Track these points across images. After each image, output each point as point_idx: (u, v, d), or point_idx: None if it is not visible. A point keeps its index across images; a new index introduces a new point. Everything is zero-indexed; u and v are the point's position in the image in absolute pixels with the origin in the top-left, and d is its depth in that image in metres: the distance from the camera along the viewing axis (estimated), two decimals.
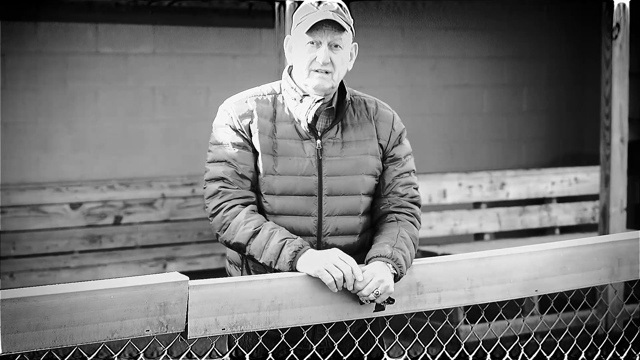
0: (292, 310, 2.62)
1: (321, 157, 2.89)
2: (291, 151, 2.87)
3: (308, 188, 2.88)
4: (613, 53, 6.09)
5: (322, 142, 2.90)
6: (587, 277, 3.01)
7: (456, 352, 2.99)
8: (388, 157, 2.98)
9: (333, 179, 2.90)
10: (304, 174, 2.88)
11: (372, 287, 2.65)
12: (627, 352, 3.33)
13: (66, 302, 2.29)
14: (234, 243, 2.78)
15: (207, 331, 2.49)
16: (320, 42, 2.84)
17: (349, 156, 2.92)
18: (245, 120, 2.88)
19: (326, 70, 2.84)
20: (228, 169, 2.84)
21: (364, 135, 2.95)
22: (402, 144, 3.01)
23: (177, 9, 6.99)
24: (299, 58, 2.87)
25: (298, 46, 2.87)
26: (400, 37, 7.93)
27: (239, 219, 2.78)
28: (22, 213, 6.44)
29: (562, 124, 8.72)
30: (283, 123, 2.89)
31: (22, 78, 6.62)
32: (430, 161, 8.12)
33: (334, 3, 2.88)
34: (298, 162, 2.87)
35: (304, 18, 2.86)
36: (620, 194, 6.22)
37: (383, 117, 3.00)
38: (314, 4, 2.86)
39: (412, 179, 3.00)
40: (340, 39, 2.86)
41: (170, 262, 6.87)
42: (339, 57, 2.85)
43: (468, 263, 2.83)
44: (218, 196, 2.83)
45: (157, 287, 2.41)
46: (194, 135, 7.19)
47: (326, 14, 2.83)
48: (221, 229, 2.81)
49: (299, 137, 2.89)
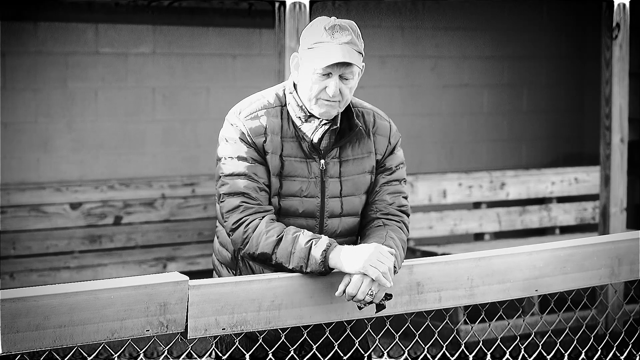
0: (292, 310, 2.62)
1: (324, 179, 2.89)
2: (296, 171, 2.86)
3: (311, 210, 2.88)
4: (613, 53, 6.09)
5: (325, 161, 2.89)
6: (587, 277, 3.01)
7: (456, 352, 2.99)
8: (380, 167, 2.98)
9: (334, 200, 2.90)
10: (306, 195, 2.87)
11: (365, 289, 2.62)
12: (627, 352, 3.33)
13: (66, 302, 2.29)
14: (258, 254, 2.73)
15: (207, 331, 2.49)
16: (331, 73, 2.79)
17: (348, 176, 2.92)
18: (259, 139, 2.83)
19: (334, 100, 2.82)
20: (250, 184, 2.80)
21: (361, 152, 2.94)
22: (394, 154, 3.00)
23: (177, 9, 6.99)
24: (307, 84, 2.83)
25: (307, 71, 2.83)
26: (400, 37, 7.93)
27: (259, 229, 2.74)
28: (22, 213, 6.44)
29: (562, 124, 8.72)
30: (289, 140, 2.87)
31: (22, 78, 6.62)
32: (430, 161, 8.12)
33: (347, 30, 2.81)
34: (302, 183, 2.86)
35: (316, 45, 2.80)
36: (620, 194, 6.22)
37: (381, 131, 2.98)
38: (328, 30, 2.80)
39: (401, 188, 2.99)
40: (351, 71, 2.81)
41: (170, 262, 6.87)
42: (347, 87, 2.82)
43: (468, 263, 2.83)
44: (239, 211, 2.78)
45: (157, 287, 2.41)
46: (194, 135, 7.19)
47: (341, 50, 2.76)
48: (243, 242, 2.77)
49: (303, 156, 2.87)
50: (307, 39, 2.84)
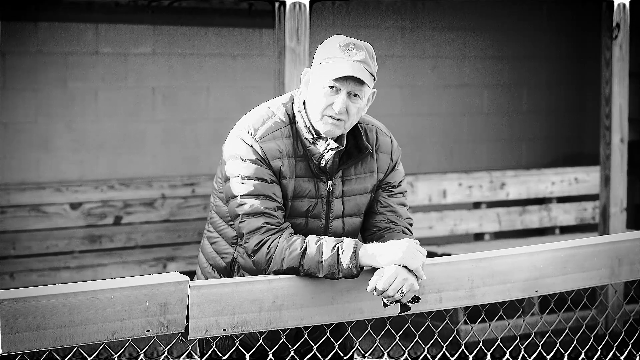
0: (293, 311, 2.62)
1: (330, 200, 2.88)
2: (304, 192, 2.85)
3: (315, 230, 2.88)
4: (613, 53, 6.09)
5: (332, 182, 2.89)
6: (587, 277, 3.01)
7: (456, 352, 2.99)
8: (383, 183, 2.98)
9: (338, 221, 2.91)
10: (312, 215, 2.88)
11: (396, 286, 2.62)
12: (627, 352, 3.33)
13: (66, 303, 2.29)
14: (285, 269, 2.70)
15: (207, 332, 2.49)
16: (340, 89, 2.78)
17: (350, 196, 2.92)
18: (276, 162, 2.81)
19: (339, 118, 2.80)
20: (270, 204, 2.78)
21: (364, 171, 2.94)
22: (396, 170, 3.01)
23: (177, 9, 6.99)
24: (315, 99, 2.81)
25: (317, 86, 2.81)
26: (400, 37, 7.93)
27: (281, 246, 2.72)
28: (22, 213, 6.44)
29: (562, 124, 8.72)
30: (299, 161, 2.85)
31: (22, 78, 6.62)
32: (430, 161, 8.12)
33: (362, 50, 2.80)
34: (309, 203, 2.86)
35: (329, 60, 2.79)
36: (620, 194, 6.22)
37: (383, 148, 2.98)
38: (342, 47, 2.79)
39: (405, 200, 3.02)
40: (361, 90, 2.80)
41: (170, 262, 6.87)
42: (355, 106, 2.80)
43: (469, 263, 2.83)
44: (261, 232, 2.76)
45: (157, 287, 2.41)
46: (194, 135, 7.19)
47: (352, 66, 2.76)
48: (266, 262, 2.74)
49: (312, 176, 2.87)
50: (321, 55, 2.83)
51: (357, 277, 2.67)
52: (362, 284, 2.69)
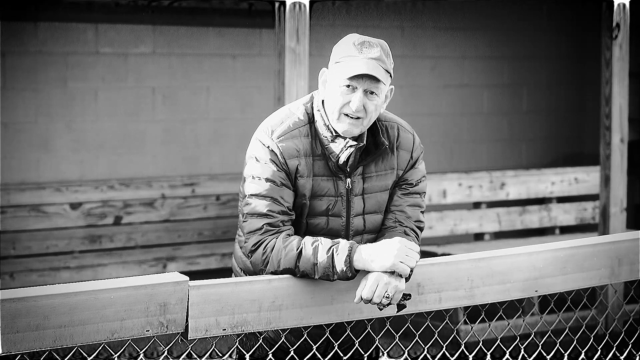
0: (293, 311, 2.62)
1: (350, 197, 2.89)
2: (323, 191, 2.86)
3: (336, 228, 2.89)
4: (613, 53, 6.09)
5: (351, 180, 2.89)
6: (587, 277, 3.01)
7: (456, 352, 2.99)
8: (402, 180, 2.98)
9: (358, 218, 2.91)
10: (332, 214, 2.88)
11: (380, 292, 2.62)
12: (627, 352, 3.33)
13: (66, 302, 2.29)
14: (282, 270, 2.71)
15: (207, 331, 2.49)
16: (356, 87, 2.78)
17: (370, 193, 2.92)
18: (293, 162, 2.82)
19: (357, 117, 2.80)
20: (275, 207, 2.79)
21: (384, 168, 2.94)
22: (416, 168, 3.00)
23: (177, 9, 6.99)
24: (332, 98, 2.82)
25: (334, 85, 2.82)
26: (400, 37, 7.93)
27: (277, 247, 2.73)
28: (22, 213, 6.44)
29: (562, 124, 8.72)
30: (317, 160, 2.86)
31: (22, 78, 6.62)
32: (430, 161, 8.10)
33: (376, 47, 2.81)
34: (328, 202, 2.87)
35: (344, 59, 2.80)
36: (620, 194, 6.22)
37: (404, 145, 2.98)
38: (357, 45, 2.80)
39: (420, 201, 3.00)
40: (377, 87, 2.80)
41: (170, 262, 6.87)
42: (372, 103, 2.81)
43: (468, 263, 2.83)
44: (259, 233, 2.77)
45: (157, 287, 2.41)
46: (194, 135, 7.19)
47: (367, 64, 2.76)
48: (263, 263, 2.75)
49: (330, 175, 2.87)
50: (336, 54, 2.84)
51: (352, 279, 2.67)
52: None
